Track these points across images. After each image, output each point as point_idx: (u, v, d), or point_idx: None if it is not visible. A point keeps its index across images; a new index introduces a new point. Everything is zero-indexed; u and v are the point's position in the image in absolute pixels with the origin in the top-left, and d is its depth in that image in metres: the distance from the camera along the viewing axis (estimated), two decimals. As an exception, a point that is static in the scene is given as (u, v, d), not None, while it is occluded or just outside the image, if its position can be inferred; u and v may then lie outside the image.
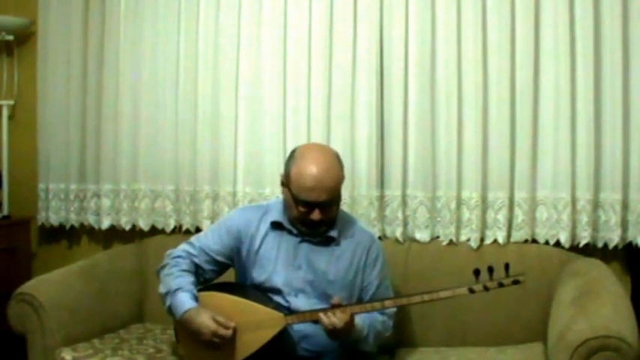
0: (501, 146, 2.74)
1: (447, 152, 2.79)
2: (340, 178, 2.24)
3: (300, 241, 2.29)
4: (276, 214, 2.33)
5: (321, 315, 2.08)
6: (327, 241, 2.29)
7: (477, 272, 2.08)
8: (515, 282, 2.09)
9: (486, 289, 2.09)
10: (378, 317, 2.25)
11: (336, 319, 2.05)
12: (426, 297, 2.11)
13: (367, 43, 2.83)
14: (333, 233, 2.29)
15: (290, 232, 2.30)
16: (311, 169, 2.17)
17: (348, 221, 2.38)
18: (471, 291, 2.09)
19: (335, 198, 2.22)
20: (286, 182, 2.25)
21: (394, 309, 2.31)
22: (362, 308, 2.13)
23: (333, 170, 2.21)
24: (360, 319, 2.15)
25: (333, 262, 2.28)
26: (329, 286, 2.26)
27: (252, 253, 2.31)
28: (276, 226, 2.31)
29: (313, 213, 2.19)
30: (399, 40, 2.80)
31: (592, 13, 2.64)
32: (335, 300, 2.09)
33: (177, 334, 2.32)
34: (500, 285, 2.09)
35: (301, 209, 2.20)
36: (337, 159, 2.27)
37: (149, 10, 3.05)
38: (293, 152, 2.29)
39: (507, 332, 2.60)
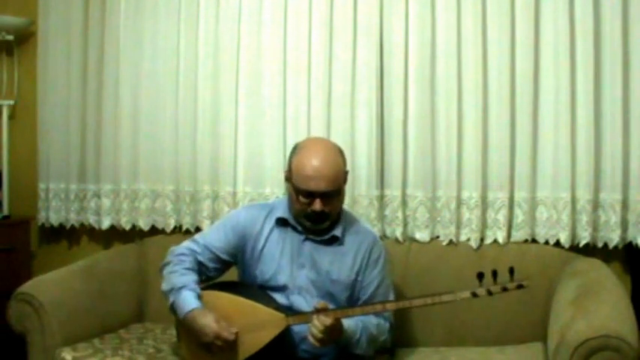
0: (501, 146, 2.74)
1: (447, 152, 2.79)
2: (341, 170, 2.23)
3: (304, 239, 2.29)
4: (282, 211, 2.32)
5: (310, 325, 2.04)
6: (331, 241, 2.29)
7: (480, 276, 2.02)
8: (520, 286, 2.03)
9: (490, 293, 2.03)
10: (372, 320, 2.21)
11: (318, 323, 2.02)
12: (429, 300, 2.07)
13: (367, 43, 2.83)
14: (337, 232, 2.28)
15: (295, 229, 2.30)
16: (311, 159, 2.18)
17: (352, 220, 2.38)
18: (474, 295, 2.04)
19: (336, 189, 2.21)
20: (289, 176, 2.25)
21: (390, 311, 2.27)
22: (345, 312, 2.09)
23: (334, 161, 2.21)
24: (352, 322, 2.12)
25: (336, 262, 2.28)
26: (332, 286, 2.26)
27: (257, 251, 2.31)
28: (281, 222, 2.31)
29: (314, 204, 2.18)
30: (399, 40, 2.80)
31: (592, 13, 2.64)
32: (321, 304, 2.07)
33: (178, 333, 2.32)
34: (504, 289, 2.03)
35: (302, 200, 2.19)
36: (339, 152, 2.27)
37: (149, 9, 3.05)
38: (296, 146, 2.30)
39: (507, 332, 2.60)
